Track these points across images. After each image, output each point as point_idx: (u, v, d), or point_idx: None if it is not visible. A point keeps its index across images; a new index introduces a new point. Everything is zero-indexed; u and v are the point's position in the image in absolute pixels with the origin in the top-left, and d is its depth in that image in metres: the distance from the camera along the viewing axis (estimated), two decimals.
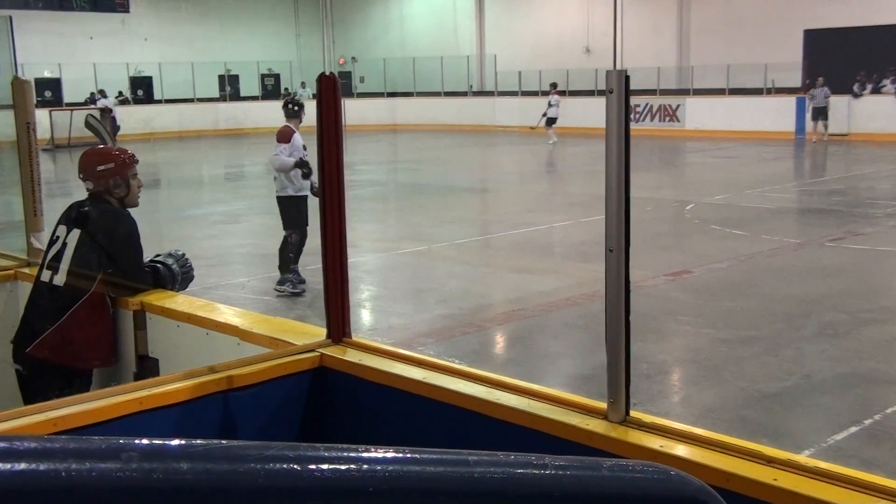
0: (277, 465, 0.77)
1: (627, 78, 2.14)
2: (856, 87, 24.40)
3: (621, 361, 2.15)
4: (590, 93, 28.76)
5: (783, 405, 5.41)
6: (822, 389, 5.66)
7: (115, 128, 27.14)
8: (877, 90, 24.23)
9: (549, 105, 24.96)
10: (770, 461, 1.85)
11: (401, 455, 0.82)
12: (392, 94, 35.52)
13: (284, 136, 8.46)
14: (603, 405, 2.17)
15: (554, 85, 26.17)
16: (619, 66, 28.06)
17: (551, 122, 24.65)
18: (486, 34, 35.90)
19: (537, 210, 13.98)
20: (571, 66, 30.58)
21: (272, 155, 8.48)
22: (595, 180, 2.86)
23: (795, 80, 26.45)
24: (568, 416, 2.18)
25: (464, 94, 34.45)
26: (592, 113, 25.74)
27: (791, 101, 25.60)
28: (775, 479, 1.77)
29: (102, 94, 29.07)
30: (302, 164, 8.39)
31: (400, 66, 35.86)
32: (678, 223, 12.58)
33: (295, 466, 0.78)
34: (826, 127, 23.81)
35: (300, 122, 8.67)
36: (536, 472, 0.84)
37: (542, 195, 16.34)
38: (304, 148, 8.51)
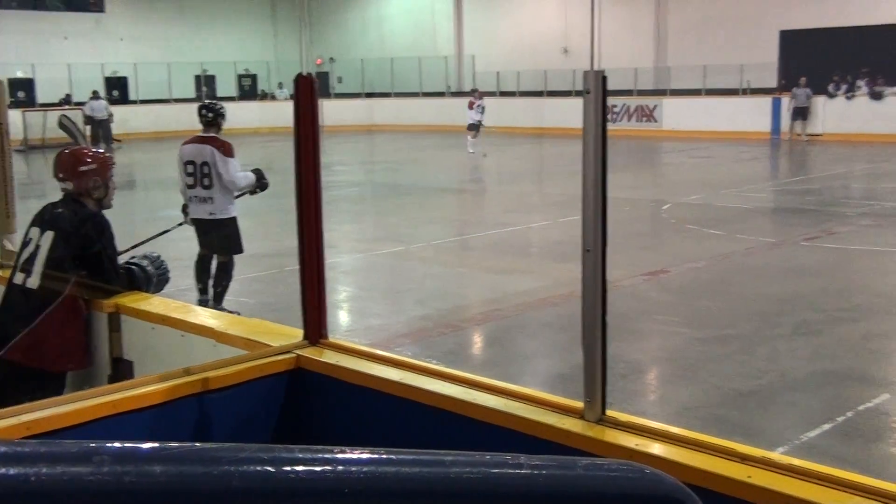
0: (252, 468, 0.77)
1: (605, 78, 2.15)
2: (830, 88, 24.65)
3: (598, 361, 2.16)
4: (567, 93, 28.85)
5: (758, 403, 5.45)
6: (795, 387, 5.71)
7: (108, 134, 26.66)
8: (851, 91, 24.47)
9: (476, 108, 23.09)
10: (744, 459, 1.86)
11: (376, 456, 0.82)
12: (370, 95, 35.47)
13: (230, 149, 7.21)
14: (580, 405, 2.17)
15: (474, 90, 25.11)
16: (596, 67, 28.12)
17: (474, 127, 22.87)
18: (465, 35, 35.93)
19: (515, 210, 14.01)
20: (549, 66, 30.67)
21: (233, 173, 7.14)
22: (572, 180, 2.85)
23: (771, 80, 26.67)
24: (545, 415, 2.19)
25: (442, 94, 34.45)
26: (570, 113, 25.83)
27: (767, 101, 25.82)
28: (749, 477, 1.79)
29: (96, 95, 27.55)
30: (261, 176, 7.34)
31: (378, 66, 35.82)
32: (655, 223, 12.65)
33: (269, 468, 0.78)
34: (804, 127, 24.11)
35: (220, 130, 7.39)
36: (512, 471, 0.84)
37: (520, 196, 16.37)
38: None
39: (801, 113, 24.11)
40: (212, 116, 7.34)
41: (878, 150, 21.26)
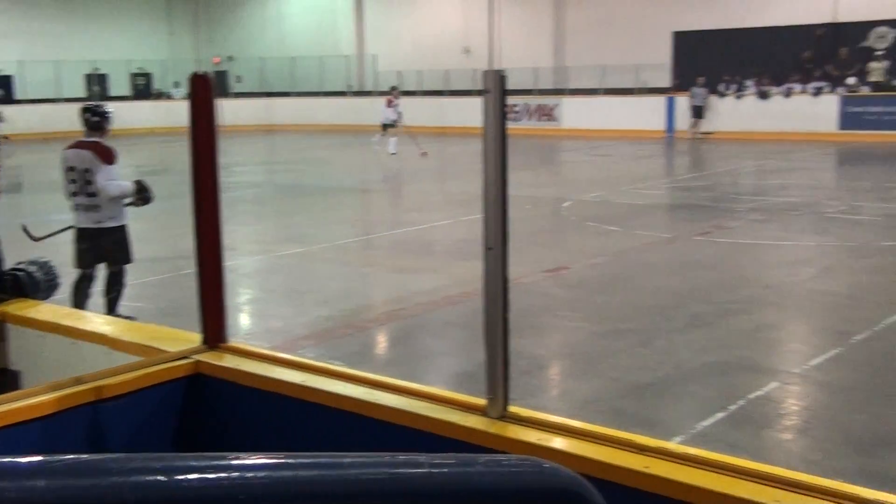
0: (143, 478, 0.75)
1: (503, 78, 2.16)
2: (721, 88, 25.54)
3: (500, 358, 2.18)
4: (469, 93, 29.06)
5: (655, 394, 5.60)
6: (691, 378, 5.89)
7: None
8: (740, 91, 25.39)
9: (394, 106, 22.64)
10: (642, 449, 1.91)
11: (273, 460, 0.81)
12: (270, 95, 34.97)
13: (110, 155, 6.79)
14: (482, 402, 2.19)
15: (394, 88, 24.52)
16: (495, 67, 28.46)
17: (389, 125, 22.51)
18: (366, 34, 35.78)
19: (418, 209, 14.04)
20: (451, 66, 30.85)
21: (104, 182, 6.68)
22: (475, 179, 2.92)
23: (666, 80, 27.44)
24: (448, 413, 2.19)
25: (343, 94, 34.25)
26: (471, 112, 25.99)
27: (661, 100, 26.57)
28: (647, 467, 1.83)
29: None
30: (143, 189, 6.92)
31: (278, 65, 35.37)
32: (556, 220, 12.87)
33: (161, 478, 0.75)
34: (699, 125, 24.99)
35: (105, 134, 6.98)
36: (411, 470, 0.84)
37: (423, 195, 16.41)
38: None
39: (698, 111, 24.97)
40: (96, 120, 6.94)
41: (765, 148, 22.12)
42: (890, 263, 9.32)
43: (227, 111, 27.85)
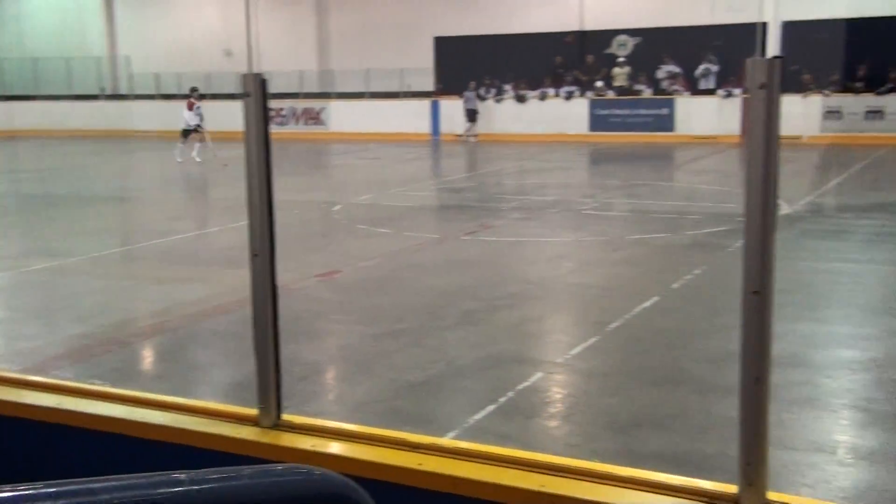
0: None
1: (264, 81, 2.13)
2: (482, 92, 26.54)
3: (271, 366, 2.15)
4: (232, 96, 28.38)
5: (429, 392, 5.72)
6: (463, 374, 6.07)
7: None
8: (500, 94, 26.50)
9: (195, 109, 21.61)
10: (416, 447, 1.94)
11: (11, 493, 0.74)
12: (9, 98, 32.35)
13: None
14: (254, 412, 2.14)
15: (194, 89, 23.50)
16: (259, 69, 27.93)
17: (189, 132, 21.44)
18: (118, 34, 33.97)
19: (182, 217, 13.52)
20: (212, 68, 29.96)
21: None
22: (241, 184, 2.84)
23: (429, 84, 28.13)
24: (218, 426, 2.13)
25: (95, 97, 32.36)
26: (235, 116, 25.38)
27: (426, 104, 27.22)
28: (420, 464, 1.86)
29: None
30: None
31: (18, 67, 32.79)
32: (326, 224, 12.84)
33: None
34: (472, 128, 25.68)
35: None
36: (170, 489, 0.80)
37: (187, 202, 15.83)
38: None
39: (471, 115, 25.73)
40: None
41: (524, 149, 23.23)
42: (639, 255, 10.07)
43: None
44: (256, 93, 2.06)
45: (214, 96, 29.21)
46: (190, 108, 21.66)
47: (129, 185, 18.99)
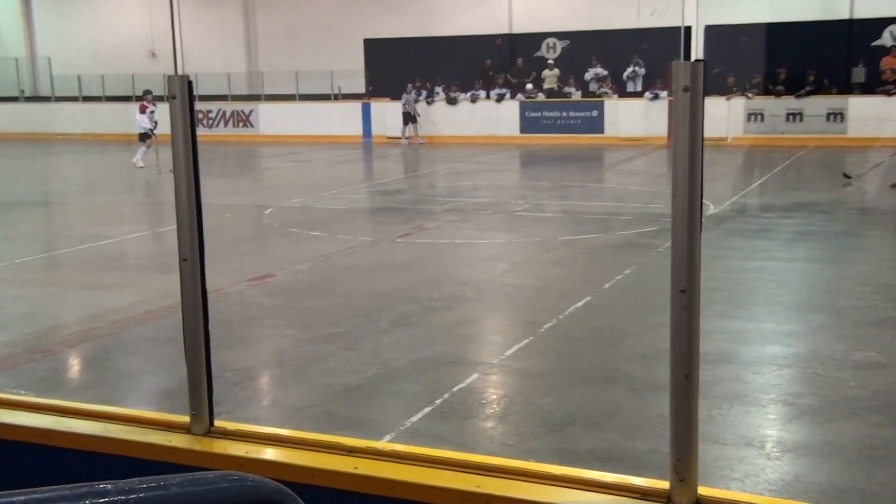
0: None
1: (190, 83, 2.10)
2: (415, 94, 26.53)
3: (202, 372, 2.12)
4: (159, 98, 27.87)
5: (365, 395, 5.70)
6: (398, 376, 6.06)
7: None
8: (431, 97, 26.54)
9: (148, 113, 20.25)
10: (351, 451, 1.93)
11: None
12: None
13: None
14: (186, 419, 2.11)
15: (148, 92, 21.51)
16: (185, 71, 27.51)
17: (146, 136, 20.01)
18: (36, 35, 33.06)
19: (109, 222, 13.21)
20: (137, 70, 29.35)
21: None
22: (169, 188, 2.78)
23: (360, 86, 28.02)
24: (148, 434, 2.09)
25: (15, 99, 31.45)
26: (161, 118, 24.96)
27: (357, 106, 27.11)
28: (356, 468, 1.85)
29: None
30: None
31: None
32: (258, 228, 12.69)
33: None
34: (415, 130, 25.54)
35: None
36: (96, 500, 0.78)
37: (114, 206, 15.48)
38: None
39: (410, 117, 25.59)
40: None
41: (456, 151, 23.32)
42: (571, 256, 10.19)
43: None
44: (182, 95, 2.03)
45: (139, 98, 28.66)
46: (142, 111, 20.42)
47: (53, 189, 18.50)
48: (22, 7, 32.99)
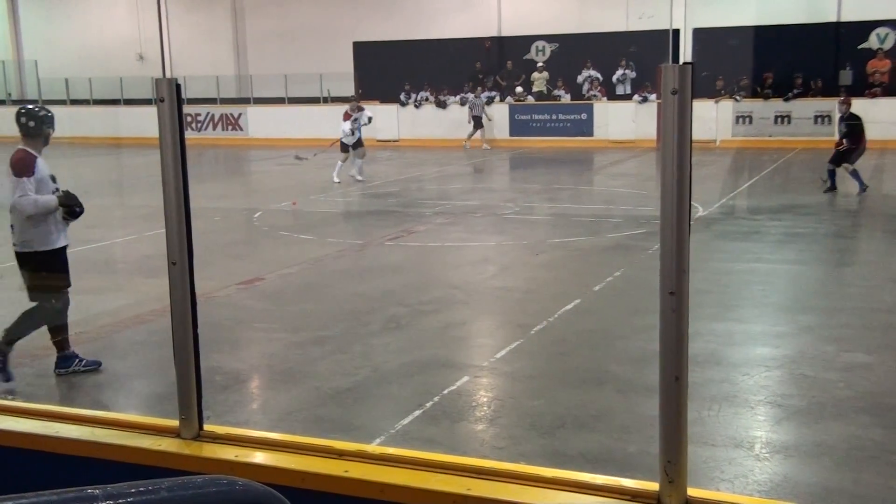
0: None
1: (178, 86, 2.10)
2: (402, 97, 26.53)
3: (191, 376, 2.11)
4: (146, 101, 27.79)
5: (355, 399, 5.69)
6: (388, 379, 6.05)
7: None
8: (419, 100, 26.53)
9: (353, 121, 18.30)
10: (341, 454, 1.93)
11: None
12: None
13: (24, 165, 6.02)
14: (175, 423, 2.10)
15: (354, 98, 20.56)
16: (174, 74, 27.46)
17: (355, 145, 18.20)
18: (23, 38, 32.94)
19: (98, 226, 13.15)
20: (125, 73, 29.28)
21: (15, 198, 6.00)
22: (156, 192, 2.76)
23: (350, 89, 27.99)
24: (138, 439, 2.08)
25: (1, 102, 31.32)
26: (148, 122, 24.85)
27: (347, 109, 27.02)
28: (346, 471, 1.85)
29: None
30: (69, 201, 6.12)
31: None
32: (248, 231, 12.67)
33: None
34: (483, 134, 24.55)
35: (45, 143, 6.24)
36: None
37: (103, 209, 15.40)
38: (54, 180, 6.13)
39: (478, 121, 24.70)
40: (33, 125, 6.18)
41: (445, 154, 23.32)
42: (560, 258, 10.20)
43: None
44: (170, 98, 2.03)
45: (128, 102, 28.61)
46: (346, 118, 18.35)
47: None
48: (8, 10, 32.87)
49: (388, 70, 26.86)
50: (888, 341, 6.74)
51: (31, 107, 6.33)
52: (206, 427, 2.10)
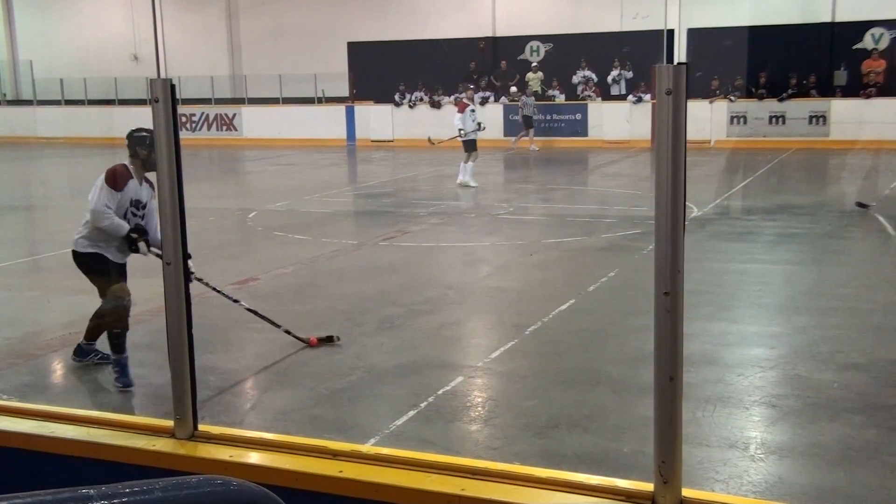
0: None
1: (173, 87, 2.10)
2: (396, 97, 26.52)
3: (186, 376, 2.11)
4: (141, 101, 27.76)
5: (350, 399, 5.69)
6: (383, 380, 6.05)
7: None
8: (413, 100, 26.53)
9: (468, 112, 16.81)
10: (336, 455, 1.93)
11: None
12: None
13: (117, 178, 6.15)
14: (170, 423, 2.10)
15: (467, 87, 19.48)
16: (168, 75, 27.43)
17: (471, 146, 16.74)
18: (18, 38, 32.87)
19: None
20: (119, 73, 29.24)
21: (93, 203, 6.18)
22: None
23: (344, 89, 27.99)
24: (133, 439, 2.08)
25: None
26: (143, 122, 24.81)
27: (341, 109, 27.07)
28: (341, 472, 1.85)
29: None
30: (137, 236, 6.19)
31: None
32: (242, 231, 12.65)
33: None
34: (532, 135, 24.21)
35: (145, 168, 6.25)
36: None
37: None
38: (138, 206, 6.15)
39: (528, 121, 24.38)
40: (145, 154, 6.26)
41: (439, 155, 23.30)
42: (555, 259, 10.20)
43: None
44: (165, 98, 2.02)
45: (122, 102, 28.57)
46: (461, 109, 16.83)
47: (36, 193, 18.37)
48: (3, 10, 32.80)
49: (383, 70, 26.86)
50: (882, 342, 6.76)
51: (144, 133, 6.30)
52: (201, 427, 2.10)
